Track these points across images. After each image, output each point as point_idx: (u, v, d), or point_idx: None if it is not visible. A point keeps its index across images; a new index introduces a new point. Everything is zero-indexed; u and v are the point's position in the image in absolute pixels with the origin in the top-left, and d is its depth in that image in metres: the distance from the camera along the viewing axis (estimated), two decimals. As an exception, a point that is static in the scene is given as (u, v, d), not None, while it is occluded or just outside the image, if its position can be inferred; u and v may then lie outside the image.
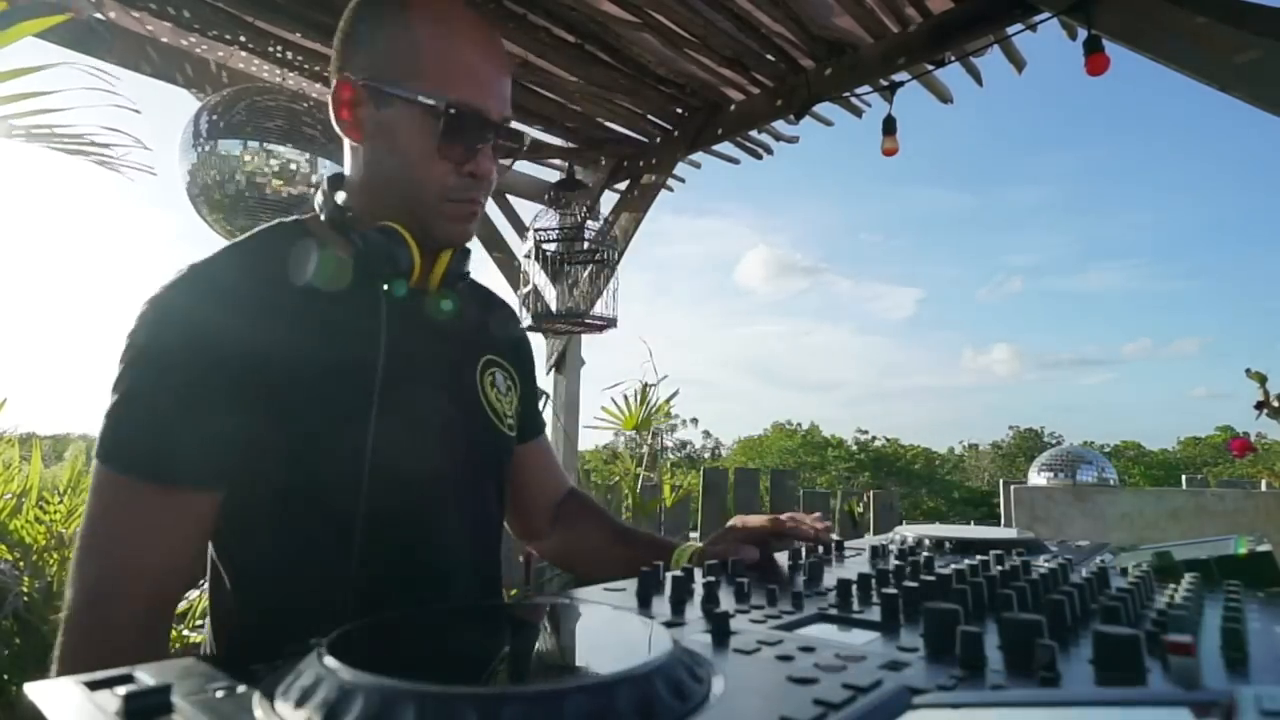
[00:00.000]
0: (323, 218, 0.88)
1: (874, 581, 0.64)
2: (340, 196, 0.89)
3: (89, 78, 1.94)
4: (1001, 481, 3.52)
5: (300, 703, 0.32)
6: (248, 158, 2.49)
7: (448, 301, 0.90)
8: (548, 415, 3.51)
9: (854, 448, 38.92)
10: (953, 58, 2.35)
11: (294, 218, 0.91)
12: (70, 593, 0.71)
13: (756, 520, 0.97)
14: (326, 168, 2.62)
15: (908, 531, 1.00)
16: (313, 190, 2.58)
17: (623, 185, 3.41)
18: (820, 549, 0.86)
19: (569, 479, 1.19)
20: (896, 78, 2.44)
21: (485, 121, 0.84)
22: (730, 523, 0.98)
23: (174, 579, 0.76)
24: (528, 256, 3.29)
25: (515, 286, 3.39)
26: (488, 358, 0.98)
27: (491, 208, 3.56)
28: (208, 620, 0.86)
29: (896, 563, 0.75)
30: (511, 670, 0.36)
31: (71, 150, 2.00)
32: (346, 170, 0.91)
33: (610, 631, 0.44)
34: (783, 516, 0.97)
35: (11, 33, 1.50)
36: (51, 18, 1.59)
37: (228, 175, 2.48)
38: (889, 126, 2.43)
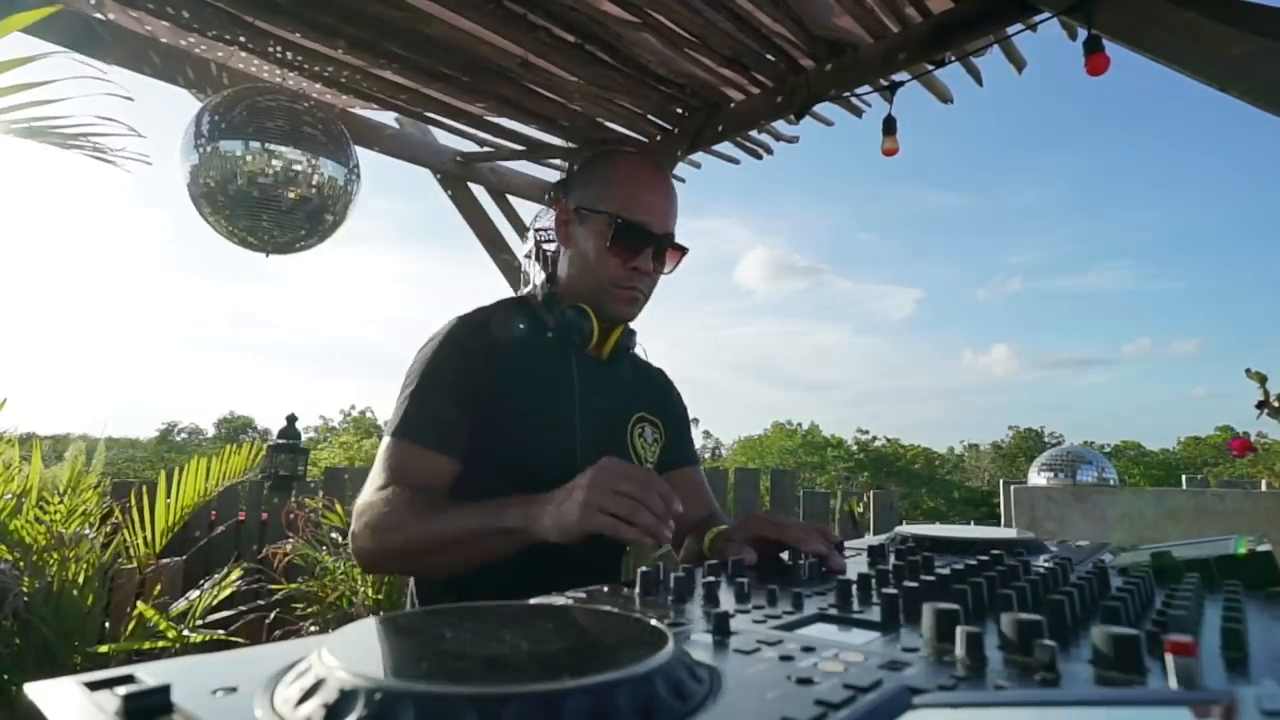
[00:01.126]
0: (539, 297, 1.29)
1: (874, 581, 0.64)
2: (549, 282, 1.30)
3: (79, 67, 1.89)
4: (1001, 481, 3.52)
5: (300, 703, 0.32)
6: (249, 158, 2.48)
7: (613, 364, 1.29)
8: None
9: (854, 448, 38.86)
10: (953, 58, 2.35)
11: (518, 294, 1.33)
12: (369, 496, 1.08)
13: (778, 530, 0.95)
14: (328, 167, 2.62)
15: (908, 531, 1.00)
16: (314, 191, 2.58)
17: (623, 185, 3.39)
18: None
19: (714, 505, 1.43)
20: (896, 78, 2.43)
21: (647, 233, 1.21)
22: (759, 514, 1.05)
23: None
24: (528, 256, 3.29)
25: (516, 287, 3.39)
26: (639, 415, 1.33)
27: (491, 207, 3.55)
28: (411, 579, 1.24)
29: (896, 563, 0.76)
30: (512, 671, 0.36)
31: (69, 145, 1.96)
32: (561, 266, 1.30)
33: (611, 632, 0.44)
34: (819, 540, 0.90)
35: (1, 26, 1.45)
36: (43, 10, 1.50)
37: (229, 176, 2.47)
38: (889, 126, 2.42)
